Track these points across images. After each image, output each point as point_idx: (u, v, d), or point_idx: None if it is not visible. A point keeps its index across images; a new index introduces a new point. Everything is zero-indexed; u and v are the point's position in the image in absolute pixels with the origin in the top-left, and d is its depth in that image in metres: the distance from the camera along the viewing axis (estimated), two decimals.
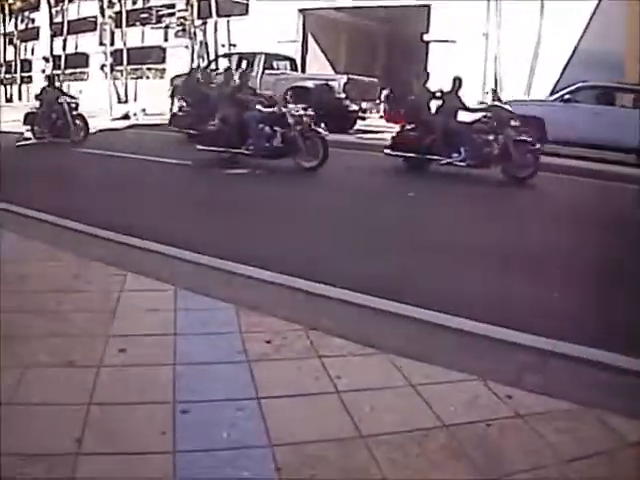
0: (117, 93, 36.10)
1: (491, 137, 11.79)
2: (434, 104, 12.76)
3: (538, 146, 11.81)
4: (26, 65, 48.71)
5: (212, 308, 4.34)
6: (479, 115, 12.26)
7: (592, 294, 5.33)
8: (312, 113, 12.11)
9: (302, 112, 11.97)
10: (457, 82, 12.73)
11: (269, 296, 4.80)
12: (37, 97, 17.31)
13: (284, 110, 11.99)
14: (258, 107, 12.13)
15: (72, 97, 17.26)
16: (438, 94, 12.84)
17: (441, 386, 3.33)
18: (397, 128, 13.17)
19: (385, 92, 12.41)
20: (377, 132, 19.04)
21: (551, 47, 23.40)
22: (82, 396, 3.09)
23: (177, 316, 4.15)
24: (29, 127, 16.56)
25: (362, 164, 13.64)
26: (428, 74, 13.11)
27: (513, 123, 11.70)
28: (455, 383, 3.37)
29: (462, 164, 11.93)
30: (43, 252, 5.65)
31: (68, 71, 41.80)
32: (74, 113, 16.35)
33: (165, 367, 3.43)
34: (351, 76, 20.41)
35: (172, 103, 22.19)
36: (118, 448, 2.71)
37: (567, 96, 16.07)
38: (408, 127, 12.81)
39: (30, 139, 16.17)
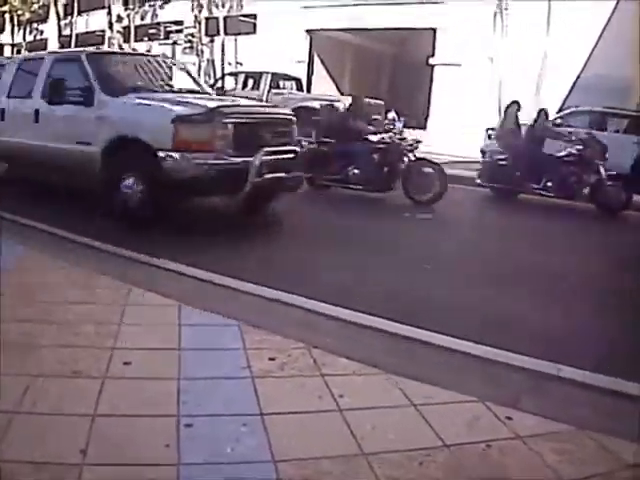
0: None
1: (584, 169, 11.84)
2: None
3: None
4: None
5: (216, 324, 4.39)
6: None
7: None
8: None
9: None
10: (543, 113, 12.92)
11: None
12: None
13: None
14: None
15: None
16: (530, 124, 12.96)
17: (442, 406, 3.36)
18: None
19: (390, 114, 12.37)
20: None
21: (557, 71, 23.54)
22: (87, 407, 3.12)
23: (182, 331, 4.19)
24: None
25: None
26: (519, 104, 13.13)
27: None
28: (456, 404, 3.40)
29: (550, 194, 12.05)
30: None
31: None
32: None
33: (169, 381, 3.46)
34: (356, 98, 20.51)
35: None
36: (122, 459, 2.73)
37: (559, 120, 16.17)
38: (499, 157, 12.85)
39: None
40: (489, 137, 17.13)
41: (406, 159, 11.29)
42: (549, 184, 11.97)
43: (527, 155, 12.32)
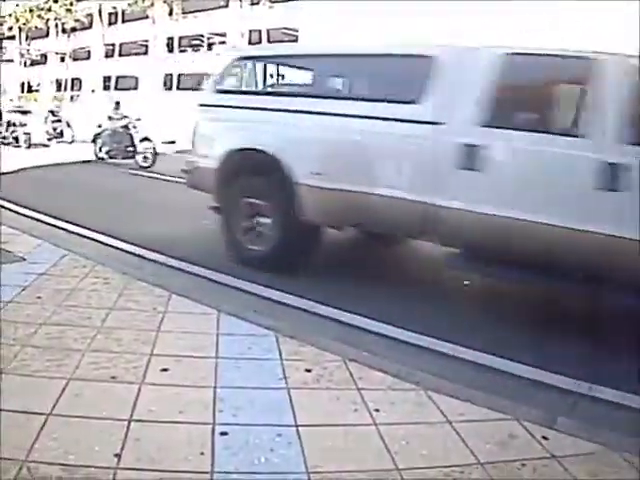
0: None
1: None
2: None
3: None
4: (76, 83, 49.67)
5: (254, 334, 4.37)
6: None
7: None
8: None
9: None
10: None
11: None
12: None
13: None
14: None
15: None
16: None
17: (477, 424, 3.33)
18: None
19: None
20: None
21: None
22: (123, 412, 3.15)
23: (219, 340, 4.20)
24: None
25: None
26: None
27: None
28: (491, 422, 3.37)
29: None
30: None
31: (118, 92, 42.55)
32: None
33: (206, 389, 3.48)
34: None
35: None
36: (156, 465, 2.75)
37: None
38: None
39: None
40: None
41: None
42: None
43: None
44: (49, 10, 46.71)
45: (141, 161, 16.36)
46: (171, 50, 38.40)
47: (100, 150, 17.17)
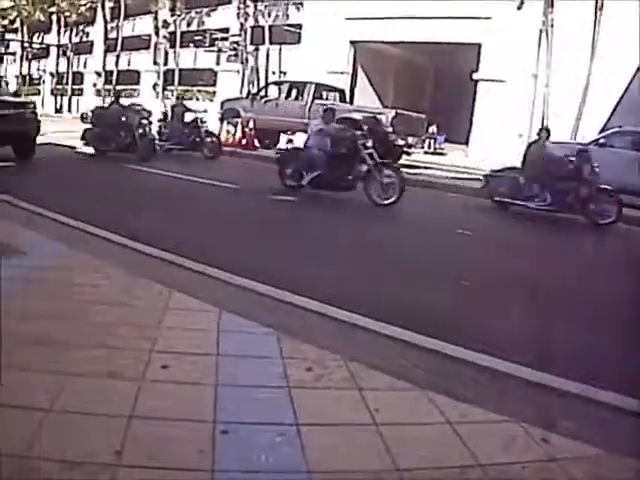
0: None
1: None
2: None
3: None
4: (78, 78, 49.66)
5: (254, 332, 4.37)
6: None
7: None
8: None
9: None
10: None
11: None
12: None
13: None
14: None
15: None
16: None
17: (477, 425, 3.31)
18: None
19: (431, 128, 12.41)
20: (422, 167, 19.05)
21: (600, 91, 23.36)
22: (124, 409, 3.13)
23: (220, 337, 4.19)
24: None
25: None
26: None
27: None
28: (491, 423, 3.36)
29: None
30: None
31: (119, 87, 42.54)
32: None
33: (207, 387, 3.46)
34: (399, 111, 20.49)
35: (221, 127, 22.45)
36: (157, 463, 2.73)
37: (602, 140, 15.98)
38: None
39: None
40: None
41: None
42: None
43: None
44: (53, 3, 46.67)
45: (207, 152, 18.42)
46: (173, 46, 38.30)
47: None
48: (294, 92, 22.37)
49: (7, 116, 13.64)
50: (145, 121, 16.81)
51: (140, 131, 16.45)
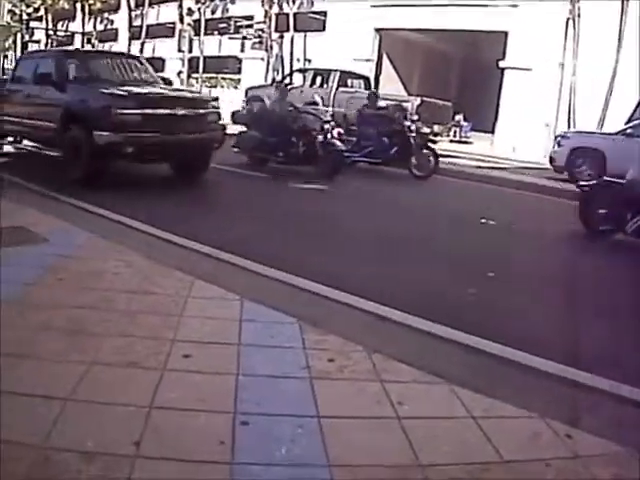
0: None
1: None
2: None
3: None
4: None
5: (277, 321, 4.33)
6: None
7: None
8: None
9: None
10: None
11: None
12: None
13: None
14: None
15: None
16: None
17: (501, 420, 3.26)
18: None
19: (457, 117, 12.36)
20: (447, 156, 18.87)
21: (627, 81, 23.03)
22: (144, 399, 3.11)
23: (242, 326, 4.15)
24: None
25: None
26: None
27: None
28: (515, 419, 3.30)
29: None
30: None
31: None
32: None
33: (228, 376, 3.44)
34: (425, 98, 20.32)
35: None
36: (175, 454, 2.71)
37: (629, 130, 15.73)
38: None
39: None
40: (558, 144, 16.84)
41: None
42: None
43: None
44: None
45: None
46: (197, 33, 38.25)
47: None
48: (319, 79, 22.23)
49: (184, 119, 9.84)
50: (327, 125, 13.14)
51: (321, 138, 12.92)
